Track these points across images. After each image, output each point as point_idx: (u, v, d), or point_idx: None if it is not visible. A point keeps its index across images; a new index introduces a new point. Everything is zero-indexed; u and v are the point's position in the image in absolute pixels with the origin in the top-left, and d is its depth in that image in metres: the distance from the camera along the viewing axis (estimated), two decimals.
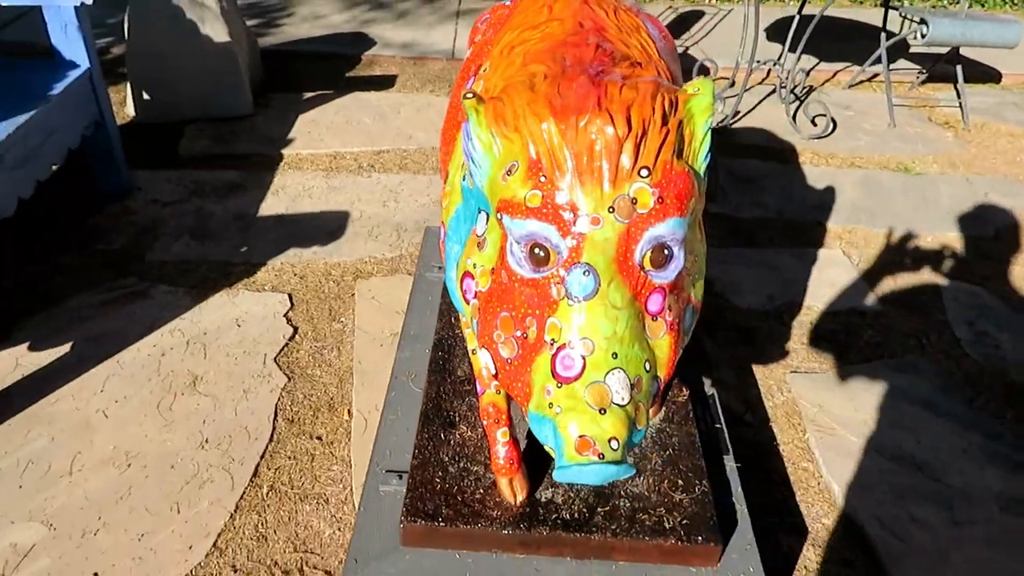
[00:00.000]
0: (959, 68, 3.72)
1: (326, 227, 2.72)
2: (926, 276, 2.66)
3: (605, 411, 1.01)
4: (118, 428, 1.92)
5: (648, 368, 1.08)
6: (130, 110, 3.43)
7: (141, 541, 1.66)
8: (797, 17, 3.53)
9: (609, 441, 1.00)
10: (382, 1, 5.01)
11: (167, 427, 1.92)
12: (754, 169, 3.27)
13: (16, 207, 2.18)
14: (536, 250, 1.09)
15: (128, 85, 3.36)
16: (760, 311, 2.44)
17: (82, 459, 1.83)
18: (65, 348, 2.15)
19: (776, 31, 4.48)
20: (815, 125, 3.60)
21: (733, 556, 1.46)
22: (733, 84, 4.01)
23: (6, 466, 1.81)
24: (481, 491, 1.47)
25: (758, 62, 3.59)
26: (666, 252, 1.09)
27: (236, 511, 1.73)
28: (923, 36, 3.43)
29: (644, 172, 1.09)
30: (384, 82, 3.87)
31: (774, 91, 3.93)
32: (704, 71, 3.84)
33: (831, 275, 2.62)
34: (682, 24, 4.90)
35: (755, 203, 3.03)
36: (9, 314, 2.27)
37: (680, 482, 1.51)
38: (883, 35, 3.73)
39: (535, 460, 1.53)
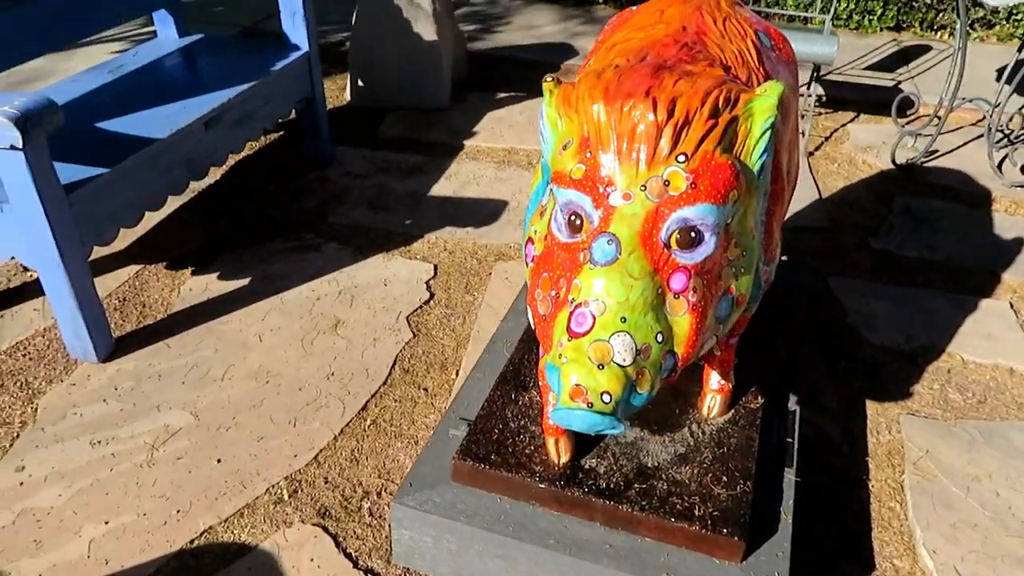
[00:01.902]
0: None
1: (483, 212, 2.95)
2: None
3: (604, 367, 1.11)
4: (267, 351, 2.25)
5: (660, 339, 1.16)
6: (348, 95, 3.90)
7: (259, 443, 1.95)
8: (1016, 55, 3.27)
9: (601, 394, 1.10)
10: (595, 16, 5.22)
11: (304, 357, 2.23)
12: (935, 210, 3.08)
13: (226, 159, 2.62)
14: (573, 218, 1.22)
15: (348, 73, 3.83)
16: (893, 349, 2.34)
17: (234, 370, 2.18)
18: (245, 281, 2.54)
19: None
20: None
21: (762, 558, 1.47)
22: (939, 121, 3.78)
23: (177, 365, 2.19)
24: (532, 448, 1.60)
25: (963, 99, 3.36)
26: (693, 235, 1.17)
27: (340, 435, 1.99)
28: None
29: (681, 158, 1.17)
30: None
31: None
32: (906, 104, 3.67)
33: (988, 326, 2.44)
34: (903, 57, 4.65)
35: (924, 243, 2.86)
36: (216, 248, 2.71)
37: (724, 478, 1.55)
38: None
39: None
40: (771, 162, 1.40)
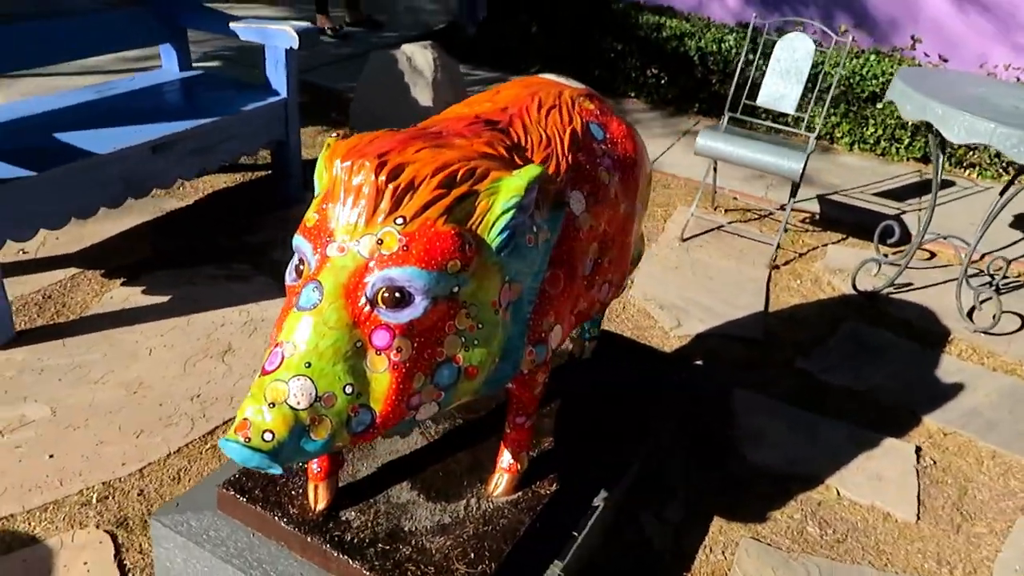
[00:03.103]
0: None
1: None
2: (1005, 509, 2.24)
3: (275, 406, 1.14)
4: (150, 365, 2.35)
5: (349, 391, 1.18)
6: None
7: (97, 447, 2.03)
8: (999, 199, 3.17)
9: (263, 432, 1.13)
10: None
11: (181, 376, 2.31)
12: (882, 341, 2.97)
13: (174, 182, 2.79)
14: (299, 263, 1.27)
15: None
16: (766, 471, 2.25)
17: (111, 376, 2.28)
18: (165, 298, 2.67)
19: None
20: (995, 320, 3.16)
21: None
22: (932, 256, 3.69)
23: (63, 363, 2.31)
24: (299, 490, 1.61)
25: (936, 235, 3.27)
26: (399, 295, 1.20)
27: (175, 453, 2.04)
28: None
29: (400, 220, 1.22)
30: None
31: (975, 275, 3.51)
32: (888, 232, 3.59)
33: (882, 466, 2.32)
34: (921, 190, 4.55)
35: (854, 372, 2.76)
36: (157, 264, 2.86)
37: (471, 556, 1.52)
38: None
39: (369, 483, 1.65)
40: (540, 242, 1.40)
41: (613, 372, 2.18)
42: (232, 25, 3.06)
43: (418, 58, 3.80)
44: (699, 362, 2.73)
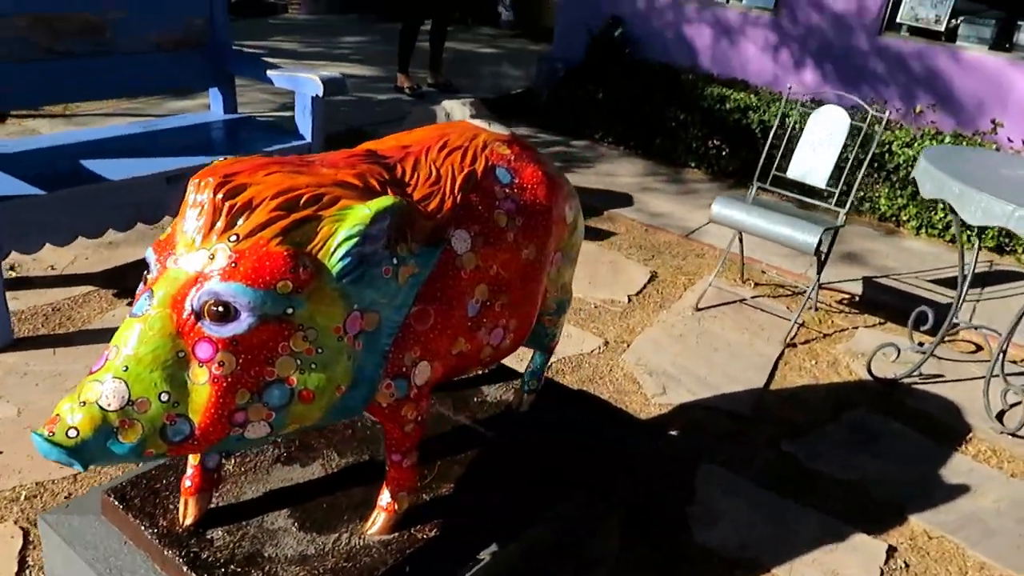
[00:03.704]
0: None
1: None
2: None
3: (85, 404, 1.19)
4: None
5: (166, 399, 1.22)
6: None
7: None
8: None
9: (68, 429, 1.18)
10: (680, 178, 5.27)
11: None
12: (889, 432, 2.75)
13: None
14: (146, 272, 1.34)
15: None
16: (714, 552, 2.11)
17: None
18: None
19: None
20: None
21: None
22: (978, 349, 3.43)
23: (47, 370, 2.47)
24: (177, 504, 1.64)
25: (966, 324, 3.03)
26: (222, 309, 1.23)
27: None
28: None
29: (233, 238, 1.27)
30: (600, 234, 4.12)
31: None
32: (922, 319, 3.36)
33: (844, 560, 2.13)
34: (987, 280, 4.25)
35: (845, 460, 2.56)
36: None
37: None
38: None
39: (250, 506, 1.66)
40: (401, 275, 1.39)
41: (558, 427, 2.12)
42: (269, 73, 3.27)
43: (456, 113, 3.92)
44: (673, 432, 2.62)
